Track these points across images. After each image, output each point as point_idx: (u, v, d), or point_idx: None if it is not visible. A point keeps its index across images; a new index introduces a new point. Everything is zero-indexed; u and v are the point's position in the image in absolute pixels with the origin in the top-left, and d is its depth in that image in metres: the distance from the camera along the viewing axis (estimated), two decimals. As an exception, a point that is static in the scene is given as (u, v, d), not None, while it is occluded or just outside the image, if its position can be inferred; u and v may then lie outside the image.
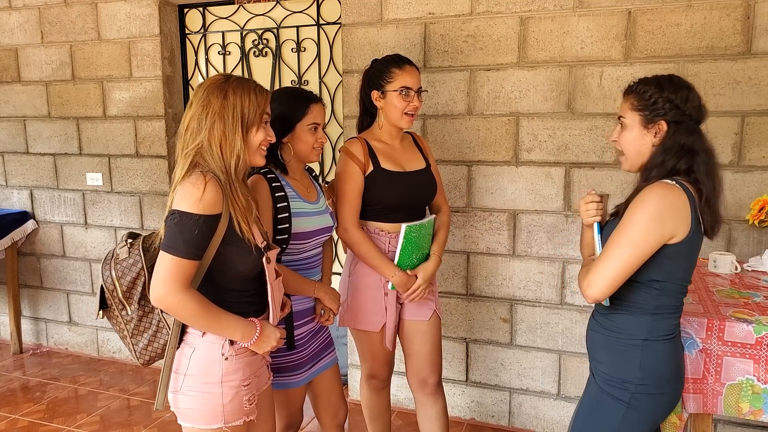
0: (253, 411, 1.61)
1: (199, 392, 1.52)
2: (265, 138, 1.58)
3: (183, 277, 1.43)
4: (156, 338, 1.58)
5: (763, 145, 2.39)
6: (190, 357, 1.53)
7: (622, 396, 1.50)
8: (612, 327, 1.54)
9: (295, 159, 1.93)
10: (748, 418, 1.68)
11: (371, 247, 2.08)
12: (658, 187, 1.43)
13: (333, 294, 2.00)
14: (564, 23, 2.57)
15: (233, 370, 1.53)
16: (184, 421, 1.57)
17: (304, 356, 1.95)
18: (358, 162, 2.07)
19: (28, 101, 3.75)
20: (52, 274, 3.88)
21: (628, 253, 1.41)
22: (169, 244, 1.43)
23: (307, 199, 1.93)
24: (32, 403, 3.23)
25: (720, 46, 2.38)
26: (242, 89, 1.52)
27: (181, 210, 1.42)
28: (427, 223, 2.09)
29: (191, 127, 1.51)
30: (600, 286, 1.44)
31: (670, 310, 1.51)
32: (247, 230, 1.50)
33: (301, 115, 1.89)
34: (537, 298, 2.79)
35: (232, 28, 3.41)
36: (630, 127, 1.54)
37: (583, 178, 2.63)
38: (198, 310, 1.45)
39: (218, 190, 1.45)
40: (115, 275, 1.55)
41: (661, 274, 1.46)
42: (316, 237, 1.95)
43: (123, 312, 1.58)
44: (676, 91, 1.48)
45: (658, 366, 1.49)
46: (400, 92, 2.05)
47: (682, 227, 1.42)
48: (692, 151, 1.47)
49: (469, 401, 2.98)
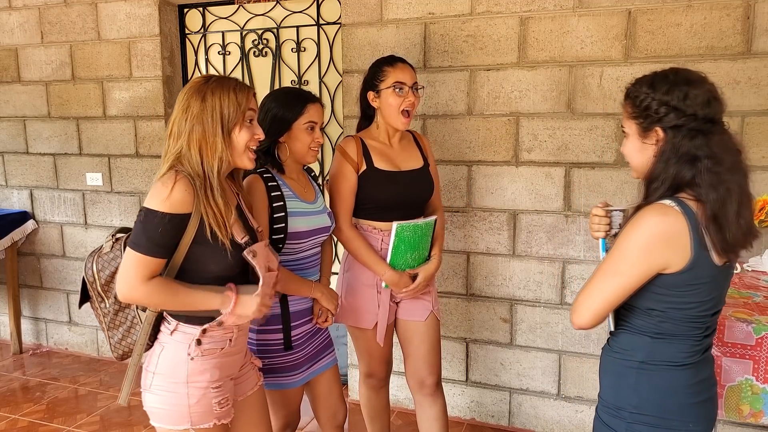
0: (227, 414, 1.57)
1: (166, 392, 1.51)
2: (251, 137, 1.54)
3: (146, 273, 1.43)
4: (129, 333, 1.59)
5: (763, 145, 2.39)
6: (159, 355, 1.53)
7: (617, 426, 1.35)
8: (614, 346, 1.41)
9: (291, 159, 1.93)
10: (749, 420, 1.67)
11: (362, 245, 2.09)
12: (651, 212, 1.27)
13: (330, 294, 2.00)
14: (564, 23, 2.57)
15: (200, 371, 1.51)
16: (153, 421, 1.57)
17: (300, 357, 1.95)
18: (351, 161, 2.08)
19: (28, 101, 3.75)
20: (52, 274, 3.88)
21: (612, 283, 1.29)
22: (134, 241, 1.43)
23: (304, 198, 1.93)
24: (32, 403, 3.23)
25: (720, 46, 2.38)
26: (221, 90, 1.49)
27: (148, 207, 1.43)
28: (423, 224, 2.07)
29: (173, 132, 1.50)
30: (584, 314, 1.32)
31: (678, 337, 1.31)
32: (223, 234, 1.46)
33: (297, 114, 1.89)
34: (537, 298, 2.79)
35: (232, 28, 3.41)
36: (630, 138, 1.37)
37: (583, 178, 2.63)
38: (166, 295, 1.44)
39: (188, 189, 1.43)
40: (96, 268, 1.56)
41: (660, 304, 1.30)
42: (313, 237, 1.94)
43: (102, 304, 1.59)
44: (670, 91, 1.28)
45: (659, 395, 1.31)
46: (393, 88, 2.05)
47: (675, 257, 1.25)
48: (694, 158, 1.26)
49: (469, 401, 2.98)
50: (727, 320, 1.67)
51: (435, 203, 2.27)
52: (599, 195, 2.60)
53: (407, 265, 2.11)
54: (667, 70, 1.34)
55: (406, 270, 2.11)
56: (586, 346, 2.72)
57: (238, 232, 1.55)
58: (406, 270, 2.11)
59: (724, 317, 1.68)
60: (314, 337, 2.01)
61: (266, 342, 1.88)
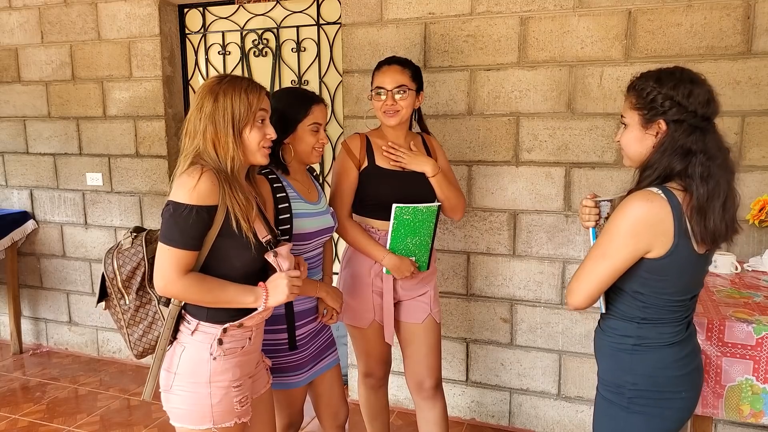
0: (246, 413, 1.59)
1: (188, 392, 1.52)
2: (263, 137, 1.56)
3: (182, 266, 1.44)
4: (150, 330, 1.59)
5: (763, 145, 2.39)
6: (180, 355, 1.53)
7: (619, 401, 1.46)
8: (607, 330, 1.51)
9: (296, 160, 1.93)
10: (749, 420, 1.67)
11: (359, 232, 2.11)
12: (637, 198, 1.35)
13: (335, 293, 2.00)
14: (564, 23, 2.57)
15: (222, 371, 1.52)
16: (174, 421, 1.56)
17: (305, 356, 1.95)
18: (353, 156, 2.11)
19: (28, 101, 3.75)
20: (52, 274, 3.88)
21: (602, 265, 1.38)
22: (166, 235, 1.44)
23: (308, 199, 1.93)
24: (32, 403, 3.23)
25: (720, 46, 2.38)
26: (233, 90, 1.51)
27: (176, 201, 1.43)
28: (423, 208, 2.05)
29: (189, 131, 1.52)
30: (578, 295, 1.42)
31: (662, 321, 1.42)
32: (246, 227, 1.48)
33: (303, 115, 1.89)
34: (537, 298, 2.79)
35: (232, 28, 3.41)
36: (630, 127, 1.45)
37: (584, 178, 2.63)
38: (202, 289, 1.46)
39: (214, 181, 1.45)
40: (117, 264, 1.56)
41: (644, 287, 1.40)
42: (318, 237, 1.95)
43: (121, 301, 1.59)
44: (676, 87, 1.36)
45: (652, 371, 1.43)
46: (375, 92, 2.10)
47: (658, 242, 1.34)
48: (689, 152, 1.35)
49: (469, 401, 2.98)
50: (728, 320, 1.67)
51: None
52: (599, 195, 2.60)
53: (408, 251, 2.10)
54: (672, 68, 1.42)
55: (408, 257, 2.11)
56: (587, 346, 2.72)
57: (260, 229, 1.56)
58: (407, 257, 2.10)
59: (724, 317, 1.68)
60: (318, 336, 2.02)
61: (271, 342, 1.89)
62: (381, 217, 2.11)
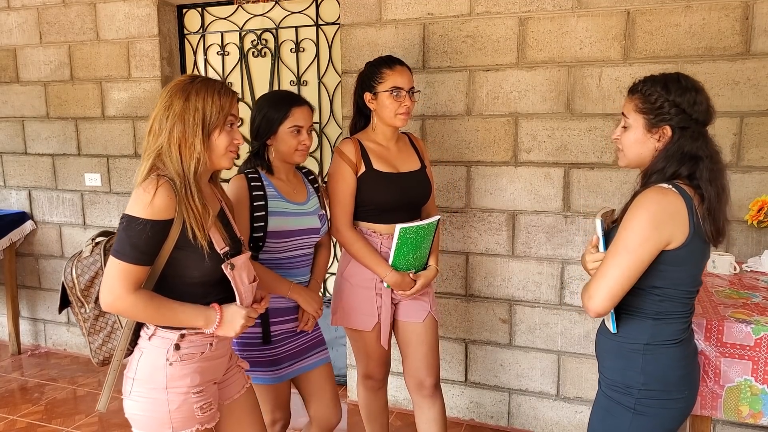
0: (210, 419, 1.55)
1: (146, 398, 1.49)
2: (231, 142, 1.52)
3: (131, 282, 1.41)
4: (110, 339, 1.57)
5: (762, 145, 2.39)
6: (138, 361, 1.50)
7: (626, 402, 1.47)
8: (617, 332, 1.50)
9: (279, 159, 1.96)
10: (748, 421, 1.67)
11: (363, 246, 2.08)
12: (653, 192, 1.39)
13: (310, 297, 1.99)
14: (563, 24, 2.57)
15: (179, 376, 1.49)
16: (135, 428, 1.53)
17: (281, 353, 1.96)
18: (350, 162, 2.07)
19: (26, 101, 3.75)
20: (51, 274, 3.88)
21: (626, 261, 1.37)
22: (118, 249, 1.41)
23: (291, 199, 1.95)
24: (30, 404, 3.23)
25: (719, 47, 2.38)
26: (205, 91, 1.47)
27: (130, 215, 1.40)
28: (426, 225, 2.07)
29: (153, 129, 1.48)
30: (601, 297, 1.39)
31: (675, 316, 1.45)
32: (201, 236, 1.44)
33: (282, 117, 1.91)
34: (536, 299, 2.79)
35: (231, 28, 3.40)
36: (633, 129, 1.48)
37: (582, 179, 2.63)
38: (150, 308, 1.43)
39: (170, 195, 1.42)
40: (75, 273, 1.55)
41: (661, 281, 1.42)
42: (299, 237, 1.95)
43: (81, 309, 1.58)
44: (683, 94, 1.41)
45: (663, 370, 1.45)
46: (391, 93, 2.05)
47: (678, 233, 1.38)
48: (696, 157, 1.41)
49: (468, 402, 2.98)
50: (726, 320, 1.67)
51: (430, 208, 2.27)
52: (598, 195, 2.60)
53: (409, 265, 2.11)
54: (675, 75, 1.47)
55: (408, 271, 2.11)
56: (586, 347, 2.72)
57: (218, 239, 1.51)
58: (408, 271, 2.11)
59: (722, 318, 1.68)
60: (299, 335, 2.02)
61: (245, 335, 1.90)
62: (381, 220, 2.11)
